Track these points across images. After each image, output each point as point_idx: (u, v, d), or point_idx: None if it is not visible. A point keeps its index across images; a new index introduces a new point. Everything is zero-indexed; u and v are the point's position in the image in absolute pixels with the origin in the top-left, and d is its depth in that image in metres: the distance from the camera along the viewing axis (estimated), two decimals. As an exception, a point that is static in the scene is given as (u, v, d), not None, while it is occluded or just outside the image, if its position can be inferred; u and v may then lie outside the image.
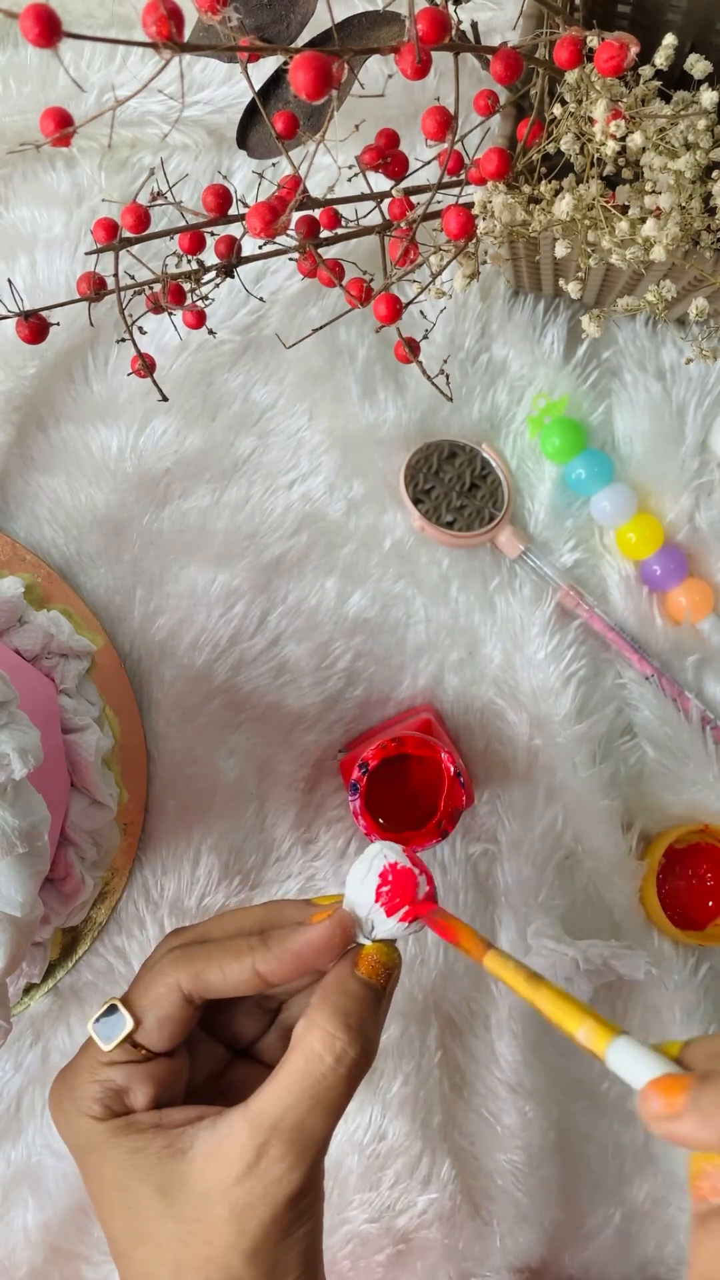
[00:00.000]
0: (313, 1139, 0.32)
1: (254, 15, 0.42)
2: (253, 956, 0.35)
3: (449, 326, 0.56)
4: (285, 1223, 0.32)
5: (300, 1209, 0.33)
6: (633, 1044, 0.28)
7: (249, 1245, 0.32)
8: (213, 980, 0.36)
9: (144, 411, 0.55)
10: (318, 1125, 0.32)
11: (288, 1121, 0.32)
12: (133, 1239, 0.34)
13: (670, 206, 0.38)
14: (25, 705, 0.40)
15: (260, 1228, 0.32)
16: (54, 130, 0.33)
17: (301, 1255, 0.33)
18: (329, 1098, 0.32)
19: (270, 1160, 0.32)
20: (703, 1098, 0.26)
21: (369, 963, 0.35)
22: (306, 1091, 0.32)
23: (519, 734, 0.56)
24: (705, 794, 0.55)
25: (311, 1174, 0.32)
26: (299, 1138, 0.32)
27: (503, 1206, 0.56)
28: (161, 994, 0.36)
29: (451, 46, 0.33)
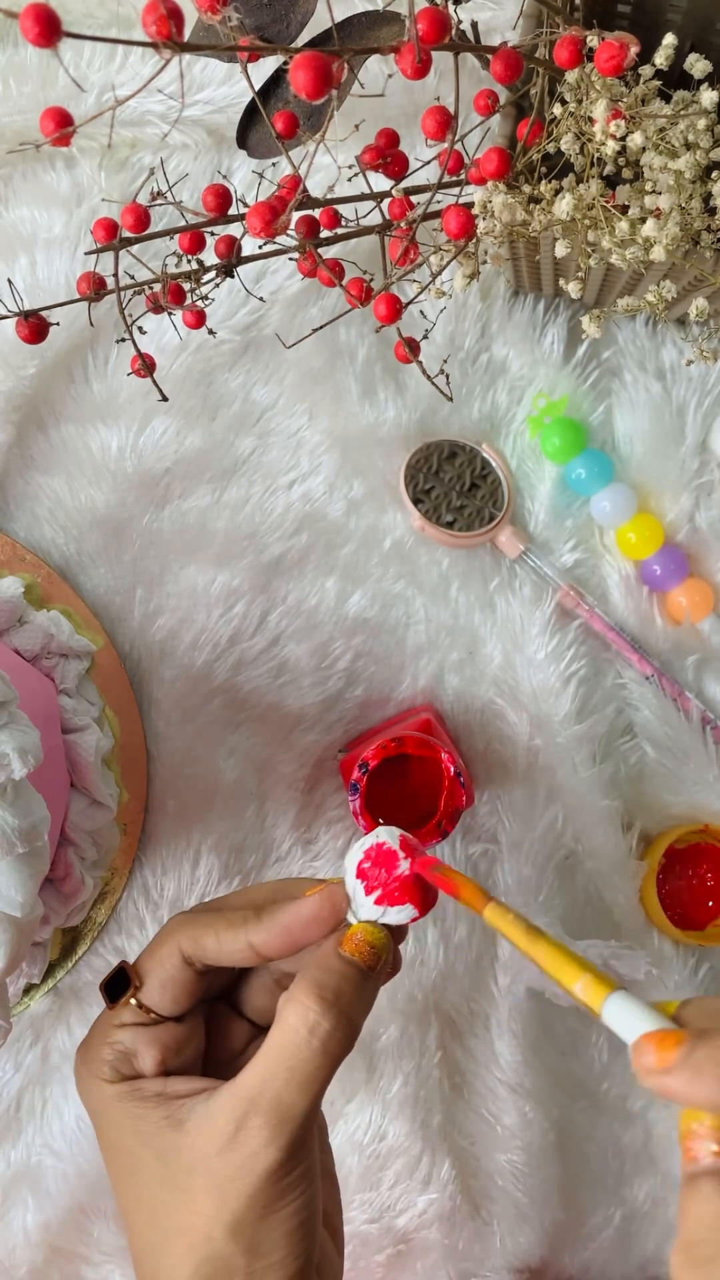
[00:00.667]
0: (290, 1113, 0.32)
1: (254, 15, 0.42)
2: (247, 928, 0.36)
3: (449, 326, 0.56)
4: (266, 1199, 0.32)
5: (283, 1186, 0.32)
6: (629, 998, 0.28)
7: (229, 1218, 0.32)
8: (209, 946, 0.36)
9: (144, 411, 0.55)
10: (294, 1099, 0.32)
11: (265, 1095, 0.32)
12: (133, 1203, 0.35)
13: (670, 206, 0.38)
14: (25, 705, 0.40)
15: (240, 1201, 0.32)
16: (54, 130, 0.33)
17: (287, 1236, 0.32)
18: (304, 1071, 0.32)
19: (248, 1133, 0.32)
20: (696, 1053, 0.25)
21: (353, 941, 0.35)
22: (282, 1065, 0.32)
23: (519, 734, 0.56)
24: (705, 794, 0.55)
25: (292, 1149, 0.32)
26: (275, 1111, 0.32)
27: (503, 1206, 0.56)
28: (164, 956, 0.37)
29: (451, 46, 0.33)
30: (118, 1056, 0.36)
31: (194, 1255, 0.32)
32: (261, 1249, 0.32)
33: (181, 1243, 0.33)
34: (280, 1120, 0.32)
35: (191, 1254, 0.32)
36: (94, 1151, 0.55)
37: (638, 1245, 0.57)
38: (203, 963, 0.37)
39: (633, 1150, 0.57)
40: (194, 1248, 0.32)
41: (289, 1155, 0.32)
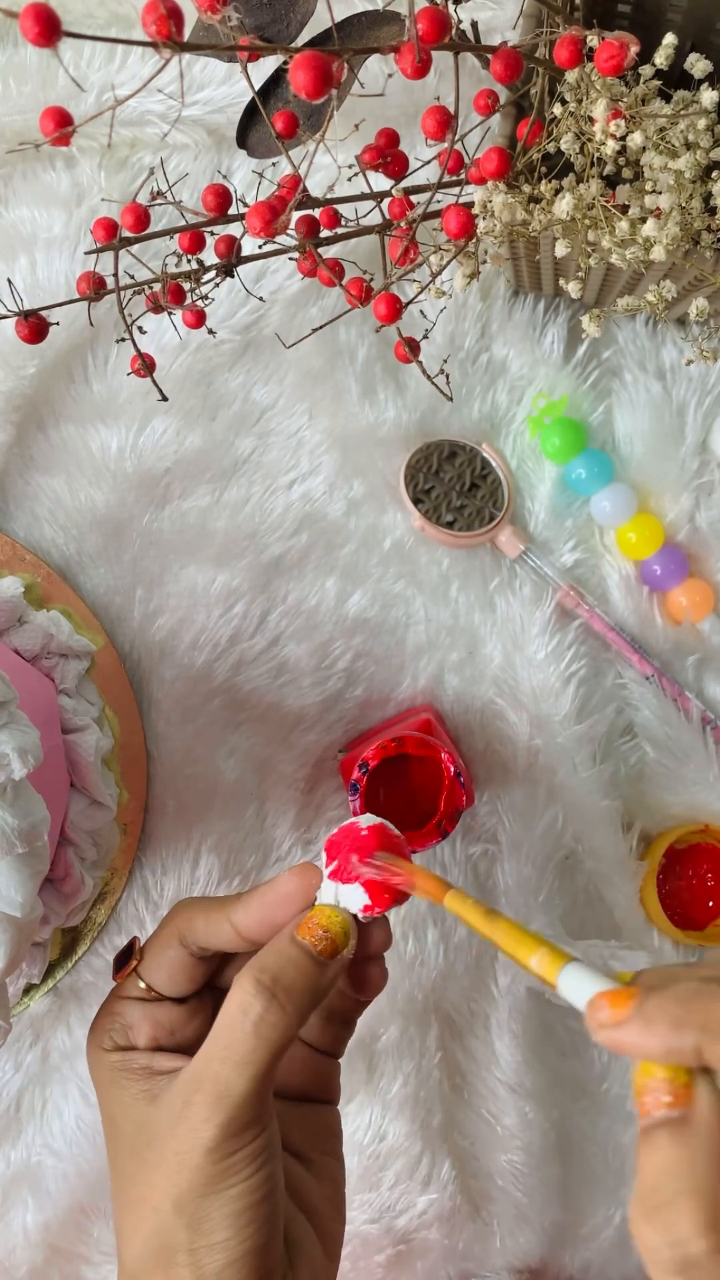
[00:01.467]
0: (227, 1092, 0.32)
1: (254, 15, 0.42)
2: (228, 909, 0.37)
3: (449, 326, 0.56)
4: (206, 1177, 0.32)
5: (225, 1166, 0.32)
6: (584, 968, 0.29)
7: (175, 1193, 0.32)
8: (198, 928, 0.37)
9: (144, 411, 0.55)
10: (231, 1079, 0.32)
11: (207, 1074, 0.33)
12: (113, 1170, 0.36)
13: (670, 206, 0.38)
14: (25, 705, 0.40)
15: (183, 1176, 0.32)
16: (54, 130, 0.33)
17: (231, 1217, 0.32)
18: (238, 1052, 0.32)
19: (190, 1109, 0.32)
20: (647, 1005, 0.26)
21: (308, 925, 0.35)
22: (220, 1043, 0.33)
23: (519, 734, 0.56)
24: (705, 794, 0.55)
25: (231, 1128, 0.32)
26: (214, 1089, 0.32)
27: (503, 1207, 0.56)
28: (164, 936, 0.38)
29: (451, 46, 0.33)
30: (118, 1027, 0.38)
31: (144, 1226, 0.33)
32: (203, 1227, 0.32)
33: (136, 1213, 0.33)
34: (218, 1098, 0.32)
35: (142, 1225, 0.33)
36: (94, 1151, 0.55)
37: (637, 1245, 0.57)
38: (196, 945, 0.37)
39: (633, 1150, 0.57)
40: (144, 1219, 0.33)
41: (228, 1134, 0.32)
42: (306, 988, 0.34)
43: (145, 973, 0.38)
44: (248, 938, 0.36)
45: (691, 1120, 0.25)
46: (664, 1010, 0.26)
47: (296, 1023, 0.33)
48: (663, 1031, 0.25)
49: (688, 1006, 0.25)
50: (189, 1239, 0.32)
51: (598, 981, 0.28)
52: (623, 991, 0.27)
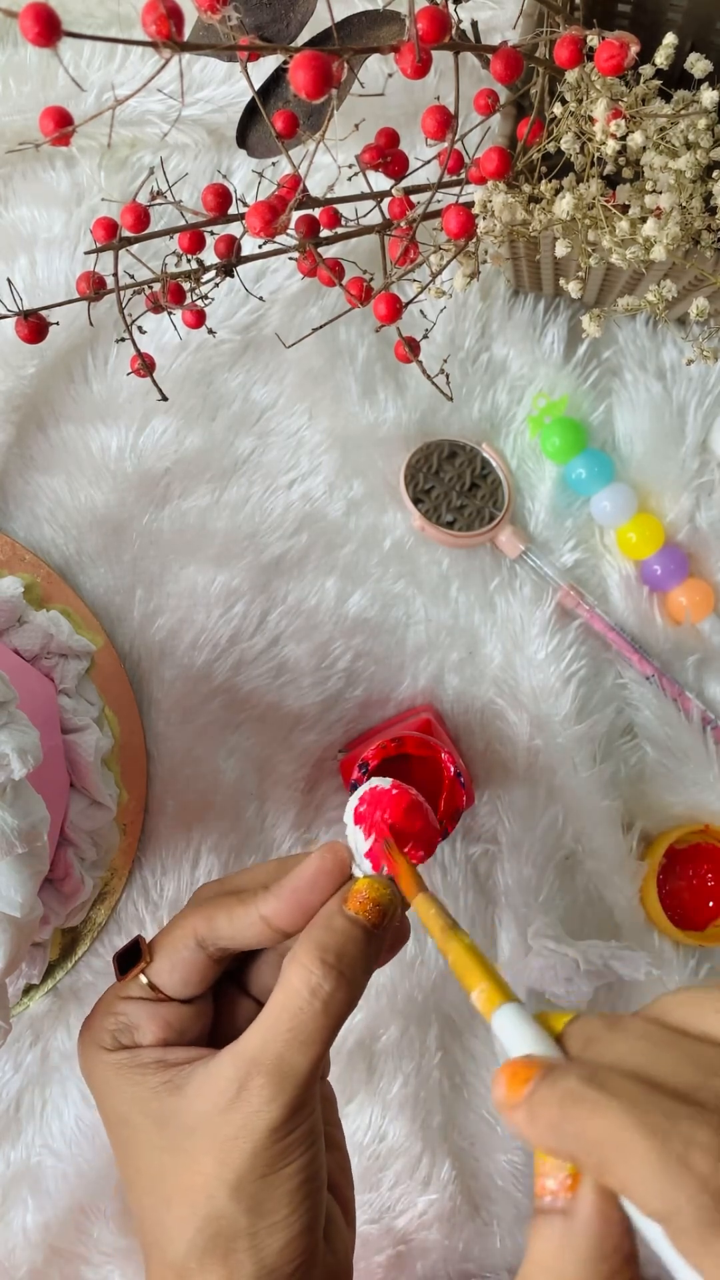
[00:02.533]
0: (292, 1071, 0.32)
1: (254, 14, 0.42)
2: (257, 902, 0.36)
3: (449, 326, 0.56)
4: (269, 1158, 0.32)
5: (285, 1145, 0.32)
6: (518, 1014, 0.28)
7: (232, 1177, 0.32)
8: (222, 926, 0.36)
9: (144, 411, 0.55)
10: (295, 1059, 0.32)
11: (267, 1054, 0.32)
12: (133, 1172, 0.35)
13: (671, 206, 0.37)
14: (25, 705, 0.40)
15: (242, 1159, 0.32)
16: (53, 129, 0.33)
17: (290, 1195, 0.32)
18: (305, 1031, 0.32)
19: (250, 1092, 0.32)
20: (537, 1093, 0.25)
21: (356, 898, 0.35)
22: (284, 1024, 0.33)
23: (519, 734, 0.56)
24: (705, 794, 0.55)
25: (293, 1108, 0.32)
26: (277, 1070, 0.32)
27: (503, 1207, 0.56)
28: (177, 937, 0.37)
29: (451, 46, 0.33)
30: (120, 1027, 0.37)
31: (196, 1215, 0.32)
32: (264, 1208, 0.32)
33: (183, 1203, 0.33)
34: (282, 1078, 0.32)
35: (194, 1214, 0.32)
36: (94, 1151, 0.55)
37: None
38: (217, 946, 0.37)
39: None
40: (196, 1207, 0.32)
41: (291, 1114, 0.32)
42: (366, 960, 0.34)
43: (155, 974, 0.37)
44: (280, 928, 0.36)
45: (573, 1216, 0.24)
46: (546, 1110, 0.24)
47: (357, 998, 0.33)
48: (542, 1131, 0.24)
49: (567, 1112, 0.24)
50: (250, 1222, 0.32)
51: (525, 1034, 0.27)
52: (525, 1068, 0.25)
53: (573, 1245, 0.23)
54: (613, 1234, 0.23)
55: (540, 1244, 0.24)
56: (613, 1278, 0.23)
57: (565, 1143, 0.24)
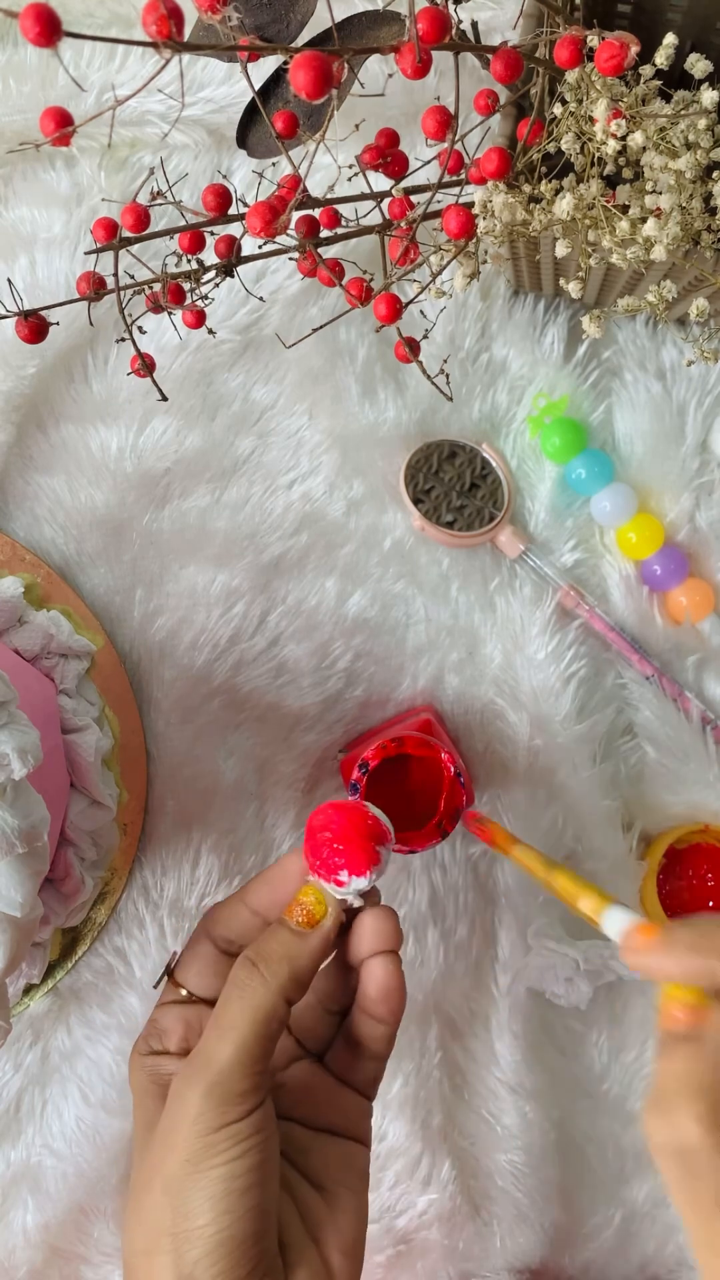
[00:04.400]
0: (212, 1060, 0.33)
1: (254, 15, 0.42)
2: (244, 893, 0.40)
3: (449, 326, 0.56)
4: (192, 1152, 0.32)
5: (209, 1141, 0.32)
6: (626, 908, 0.34)
7: (165, 1172, 0.33)
8: (220, 918, 0.40)
9: (144, 411, 0.55)
10: (216, 1048, 0.33)
11: (199, 1047, 0.34)
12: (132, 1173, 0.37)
13: (671, 206, 0.37)
14: (25, 705, 0.40)
15: (172, 1153, 0.33)
16: (54, 130, 0.33)
17: (212, 1201, 0.32)
18: (224, 1020, 0.34)
19: (179, 1083, 0.34)
20: (672, 933, 0.30)
21: (291, 904, 0.38)
22: (213, 1019, 0.35)
23: (519, 734, 0.56)
24: (705, 794, 0.55)
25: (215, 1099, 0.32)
26: (200, 1059, 0.34)
27: (503, 1207, 0.56)
28: (194, 936, 0.40)
29: (452, 46, 0.33)
30: (153, 1032, 0.39)
31: (140, 1209, 0.33)
32: (186, 1208, 0.32)
33: (136, 1197, 0.34)
34: (204, 1065, 0.33)
35: (139, 1208, 0.33)
36: (94, 1151, 0.55)
37: (638, 1246, 0.57)
38: (222, 938, 0.39)
39: (633, 1150, 0.57)
40: (140, 1202, 0.33)
41: (212, 1104, 0.32)
42: (285, 956, 0.36)
43: (178, 973, 0.40)
44: (261, 914, 0.39)
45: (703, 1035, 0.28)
46: (685, 938, 0.29)
47: (277, 990, 0.35)
48: (681, 955, 0.29)
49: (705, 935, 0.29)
50: (172, 1222, 0.32)
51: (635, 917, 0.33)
52: (653, 925, 0.31)
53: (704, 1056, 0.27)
54: None
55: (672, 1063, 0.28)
56: None
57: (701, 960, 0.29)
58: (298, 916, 0.37)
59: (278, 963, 0.35)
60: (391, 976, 0.38)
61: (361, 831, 0.38)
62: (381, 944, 0.38)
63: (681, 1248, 0.57)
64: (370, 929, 0.38)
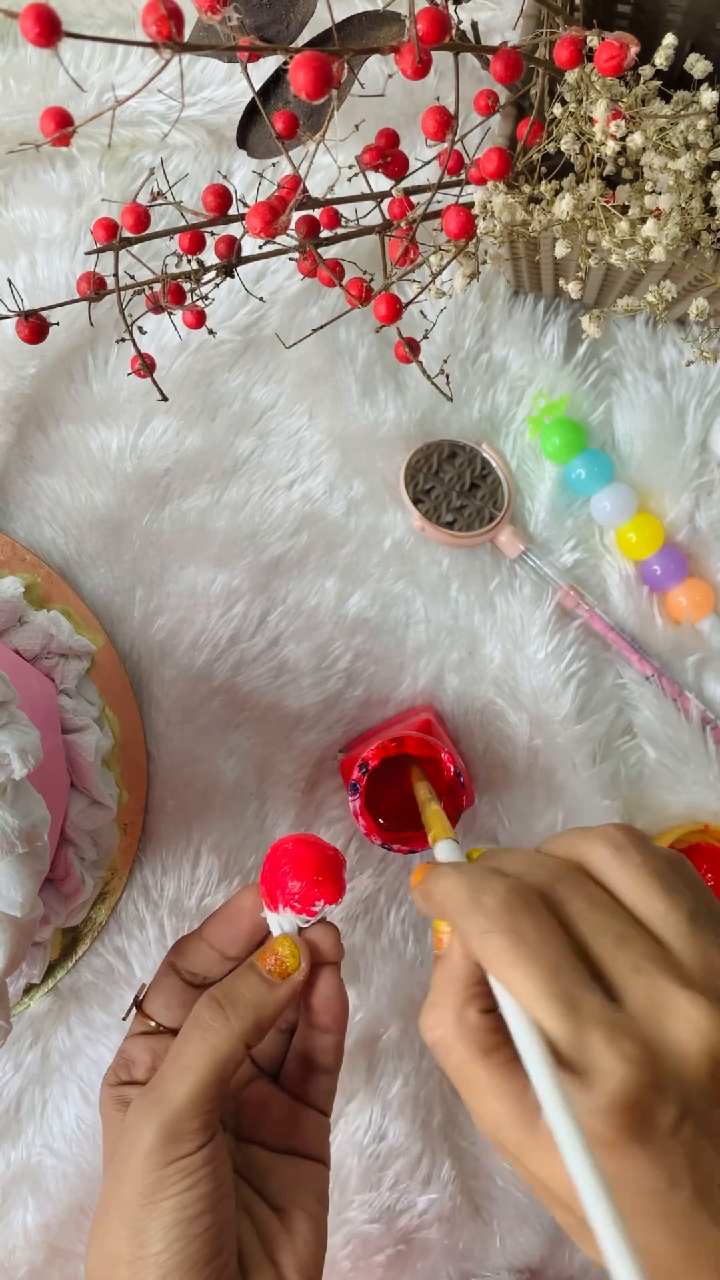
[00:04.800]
0: (165, 1097, 0.34)
1: (254, 15, 0.42)
2: (203, 928, 0.41)
3: (449, 326, 0.56)
4: (144, 1184, 0.33)
5: (162, 1175, 0.33)
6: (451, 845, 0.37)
7: (120, 1202, 0.34)
8: (184, 951, 0.41)
9: (144, 411, 0.55)
10: (171, 1085, 0.34)
11: (155, 1082, 0.35)
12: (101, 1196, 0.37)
13: (670, 206, 0.38)
14: (25, 705, 0.40)
15: (126, 1184, 0.34)
16: (54, 130, 0.33)
17: (165, 1230, 0.33)
18: (184, 1059, 0.35)
19: (134, 1116, 0.35)
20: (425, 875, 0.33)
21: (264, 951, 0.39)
22: (171, 1053, 0.36)
23: (519, 734, 0.56)
24: (705, 794, 0.55)
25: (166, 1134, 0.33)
26: (156, 1095, 0.34)
27: (503, 1206, 0.56)
28: (160, 968, 0.41)
29: (451, 46, 0.33)
30: (121, 1063, 0.40)
31: (96, 1241, 0.35)
32: (142, 1238, 0.33)
33: (95, 1222, 0.35)
34: (157, 1102, 0.34)
35: (95, 1240, 0.35)
36: (94, 1151, 0.55)
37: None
38: (188, 970, 0.40)
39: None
40: (96, 1234, 0.35)
41: (164, 1140, 0.33)
42: (253, 1004, 0.37)
43: (147, 1005, 0.41)
44: (218, 949, 0.40)
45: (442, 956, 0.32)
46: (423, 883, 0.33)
47: (240, 1035, 0.36)
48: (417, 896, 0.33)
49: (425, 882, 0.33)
50: (129, 1251, 0.33)
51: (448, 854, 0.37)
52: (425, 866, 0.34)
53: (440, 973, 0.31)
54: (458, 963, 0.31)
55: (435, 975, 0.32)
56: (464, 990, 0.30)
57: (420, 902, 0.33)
58: (270, 965, 0.38)
59: (244, 1009, 0.36)
60: (331, 985, 0.40)
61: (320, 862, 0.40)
62: (323, 957, 0.40)
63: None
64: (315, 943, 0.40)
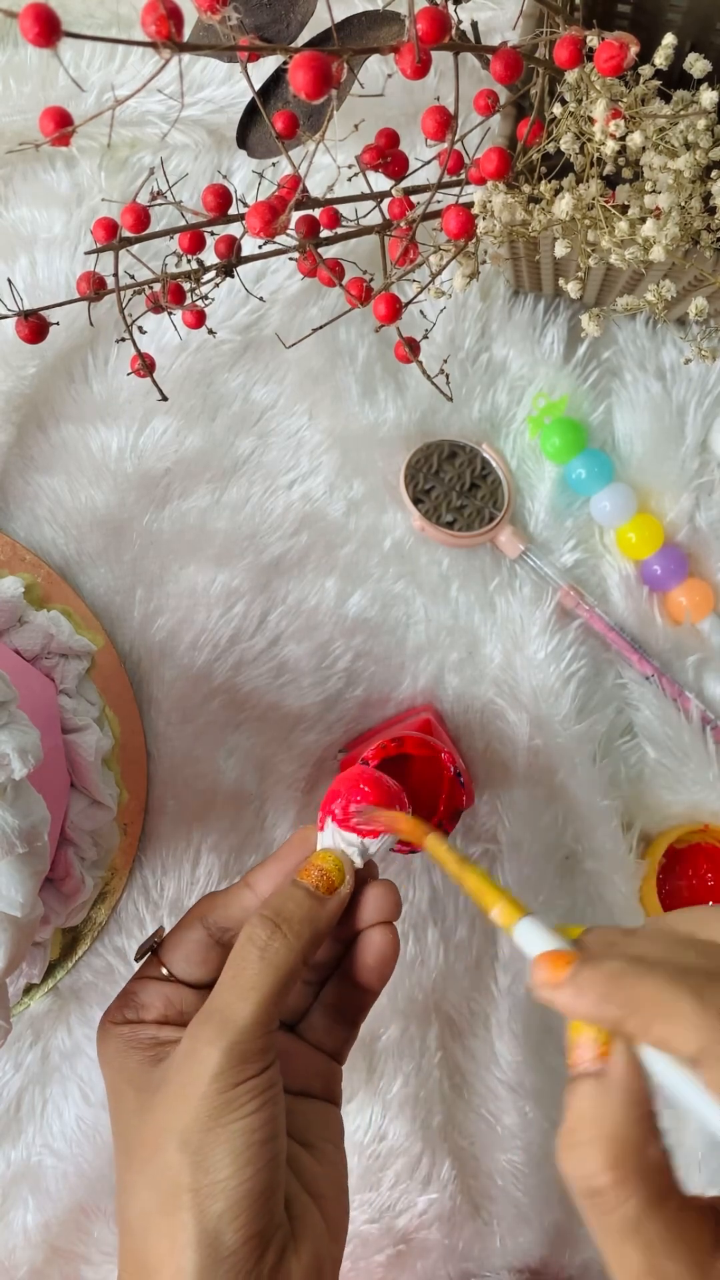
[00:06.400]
0: (232, 1016, 0.33)
1: (254, 15, 0.42)
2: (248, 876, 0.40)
3: (449, 326, 0.56)
4: (212, 1108, 0.32)
5: (230, 1097, 0.32)
6: (537, 923, 0.32)
7: (180, 1127, 0.33)
8: (218, 904, 0.40)
9: (144, 411, 0.55)
10: (236, 1005, 0.34)
11: (216, 1003, 0.34)
12: (116, 1139, 0.36)
13: (670, 206, 0.38)
14: (25, 705, 0.40)
15: (188, 1108, 0.33)
16: (53, 130, 0.33)
17: (234, 1154, 0.32)
18: (245, 978, 0.34)
19: (196, 1040, 0.34)
20: (581, 974, 0.29)
21: (307, 867, 0.38)
22: (228, 976, 0.35)
23: (519, 734, 0.56)
24: (705, 794, 0.55)
25: (236, 1055, 0.33)
26: (220, 1016, 0.34)
27: (503, 1206, 0.56)
28: (185, 923, 0.40)
29: (451, 46, 0.33)
30: (130, 1004, 0.39)
31: (148, 1169, 0.33)
32: (207, 1163, 0.32)
33: (139, 1158, 0.34)
34: (223, 1023, 0.33)
35: (146, 1168, 0.33)
36: (94, 1151, 0.55)
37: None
38: (218, 925, 0.39)
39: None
40: (148, 1161, 0.33)
41: (233, 1061, 0.33)
42: (306, 918, 0.36)
43: (164, 954, 0.40)
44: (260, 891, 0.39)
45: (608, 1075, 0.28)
46: (593, 984, 0.29)
47: (299, 951, 0.35)
48: (591, 1001, 0.29)
49: (614, 983, 0.29)
50: (193, 1178, 0.32)
51: (547, 937, 0.32)
52: (562, 956, 0.31)
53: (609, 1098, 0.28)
54: (640, 1087, 0.28)
55: (580, 1102, 0.29)
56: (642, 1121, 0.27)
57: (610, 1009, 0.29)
58: (315, 880, 0.37)
59: (299, 924, 0.36)
60: (390, 945, 0.39)
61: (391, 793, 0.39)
62: (385, 915, 0.39)
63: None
64: (375, 900, 0.39)
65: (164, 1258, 0.32)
